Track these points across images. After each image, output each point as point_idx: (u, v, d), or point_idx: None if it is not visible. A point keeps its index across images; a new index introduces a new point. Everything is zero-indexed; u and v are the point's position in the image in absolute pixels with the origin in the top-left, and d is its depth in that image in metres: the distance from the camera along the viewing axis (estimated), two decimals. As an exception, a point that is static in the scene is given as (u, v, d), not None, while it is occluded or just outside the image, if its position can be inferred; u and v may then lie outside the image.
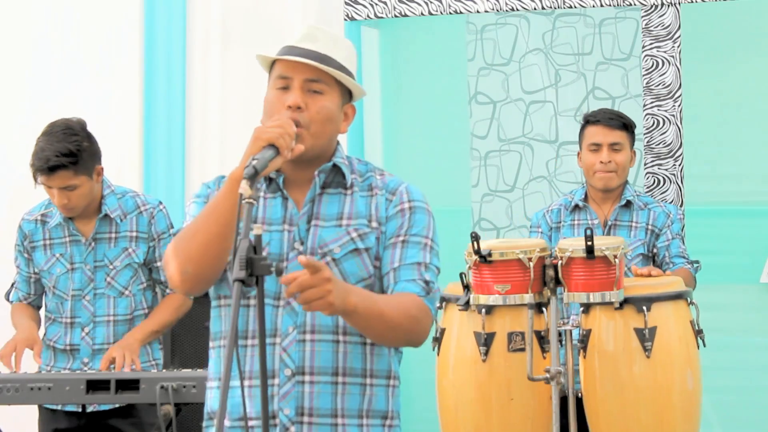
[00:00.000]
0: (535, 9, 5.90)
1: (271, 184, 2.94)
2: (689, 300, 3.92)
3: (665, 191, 5.72)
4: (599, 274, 3.81)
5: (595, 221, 4.95)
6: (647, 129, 5.74)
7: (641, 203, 4.99)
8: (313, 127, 2.86)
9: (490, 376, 3.84)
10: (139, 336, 4.47)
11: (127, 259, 4.57)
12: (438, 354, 3.98)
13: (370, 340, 2.87)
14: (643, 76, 5.78)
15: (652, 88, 5.77)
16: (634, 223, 4.95)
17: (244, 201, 2.58)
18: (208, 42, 6.24)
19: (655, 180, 5.74)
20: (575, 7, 5.86)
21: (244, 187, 2.59)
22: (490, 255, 3.82)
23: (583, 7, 5.85)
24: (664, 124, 5.74)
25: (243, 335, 2.86)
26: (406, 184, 2.97)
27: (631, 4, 5.80)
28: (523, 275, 3.81)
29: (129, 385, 3.97)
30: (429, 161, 6.02)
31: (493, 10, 5.94)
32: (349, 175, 2.95)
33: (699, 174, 5.75)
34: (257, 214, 2.91)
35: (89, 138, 4.48)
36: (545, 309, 3.83)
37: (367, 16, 6.05)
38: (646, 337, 3.77)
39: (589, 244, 3.78)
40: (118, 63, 6.23)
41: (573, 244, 3.85)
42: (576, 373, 3.95)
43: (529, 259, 3.81)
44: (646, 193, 5.53)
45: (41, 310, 4.71)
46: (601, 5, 5.83)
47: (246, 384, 2.80)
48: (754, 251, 5.61)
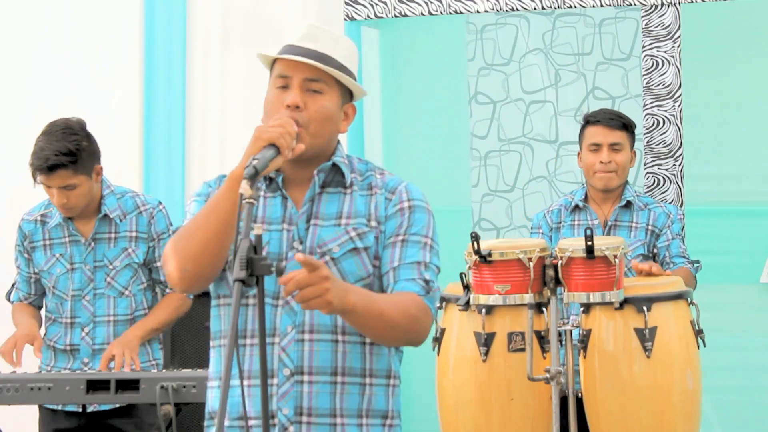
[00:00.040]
0: (535, 9, 5.90)
1: (271, 184, 2.93)
2: (689, 300, 3.91)
3: (665, 191, 5.72)
4: (599, 274, 3.80)
5: (595, 221, 4.94)
6: (647, 129, 5.73)
7: (641, 203, 4.99)
8: (312, 127, 2.86)
9: (490, 376, 3.84)
10: (139, 333, 4.47)
11: (127, 259, 4.57)
12: (438, 354, 3.97)
13: (369, 339, 2.86)
14: (643, 76, 5.78)
15: (652, 88, 5.77)
16: (634, 224, 4.95)
17: (245, 201, 2.57)
18: (208, 42, 6.24)
19: (655, 180, 5.74)
20: (575, 7, 5.85)
21: (245, 187, 2.58)
22: (490, 255, 3.82)
23: (583, 7, 5.85)
24: (664, 124, 5.74)
25: (242, 335, 2.86)
26: (406, 183, 2.96)
27: (631, 4, 5.79)
28: (523, 275, 3.81)
29: (129, 385, 3.97)
30: (429, 161, 6.02)
31: (493, 10, 5.94)
32: (349, 175, 2.94)
33: (699, 174, 5.75)
34: (257, 213, 2.90)
35: (88, 137, 4.48)
36: (545, 309, 3.82)
37: (367, 16, 6.05)
38: (646, 337, 3.76)
39: (589, 244, 3.77)
40: (118, 63, 6.23)
41: (573, 244, 3.84)
42: (576, 373, 3.94)
43: (529, 259, 3.81)
44: (646, 193, 5.53)
45: (42, 310, 4.71)
46: (601, 5, 5.83)
47: (245, 383, 2.79)
48: (754, 251, 5.61)
